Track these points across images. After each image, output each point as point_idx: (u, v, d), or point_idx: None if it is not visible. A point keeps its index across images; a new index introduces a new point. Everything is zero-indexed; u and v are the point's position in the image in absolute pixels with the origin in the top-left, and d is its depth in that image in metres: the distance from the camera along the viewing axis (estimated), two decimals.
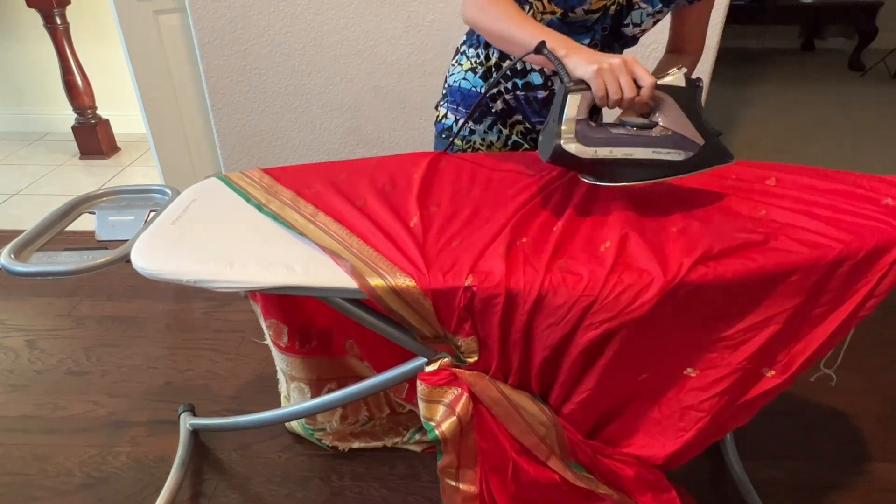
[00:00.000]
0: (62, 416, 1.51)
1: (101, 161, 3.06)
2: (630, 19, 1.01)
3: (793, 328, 0.85)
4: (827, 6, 4.53)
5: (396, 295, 0.79)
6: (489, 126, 1.17)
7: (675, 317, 0.80)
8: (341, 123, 2.19)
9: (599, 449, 0.95)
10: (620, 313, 0.78)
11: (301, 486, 1.32)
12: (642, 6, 0.99)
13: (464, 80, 1.15)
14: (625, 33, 1.04)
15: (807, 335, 0.86)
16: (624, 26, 1.02)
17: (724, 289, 0.79)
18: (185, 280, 0.82)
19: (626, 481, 0.96)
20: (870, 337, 1.75)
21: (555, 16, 0.99)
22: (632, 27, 1.02)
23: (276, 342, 1.22)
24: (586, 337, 0.80)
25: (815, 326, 0.86)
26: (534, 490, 0.97)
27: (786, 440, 1.43)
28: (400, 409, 1.38)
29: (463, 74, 1.15)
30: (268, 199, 0.98)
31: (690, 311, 0.81)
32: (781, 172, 1.01)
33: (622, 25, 1.02)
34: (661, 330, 0.81)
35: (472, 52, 1.14)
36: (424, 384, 0.89)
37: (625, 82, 0.81)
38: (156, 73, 2.16)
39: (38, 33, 2.94)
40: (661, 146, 0.87)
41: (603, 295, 0.77)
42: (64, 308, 1.91)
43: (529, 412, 0.89)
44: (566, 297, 0.78)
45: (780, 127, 3.51)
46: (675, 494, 0.97)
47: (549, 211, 0.93)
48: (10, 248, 0.94)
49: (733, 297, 0.81)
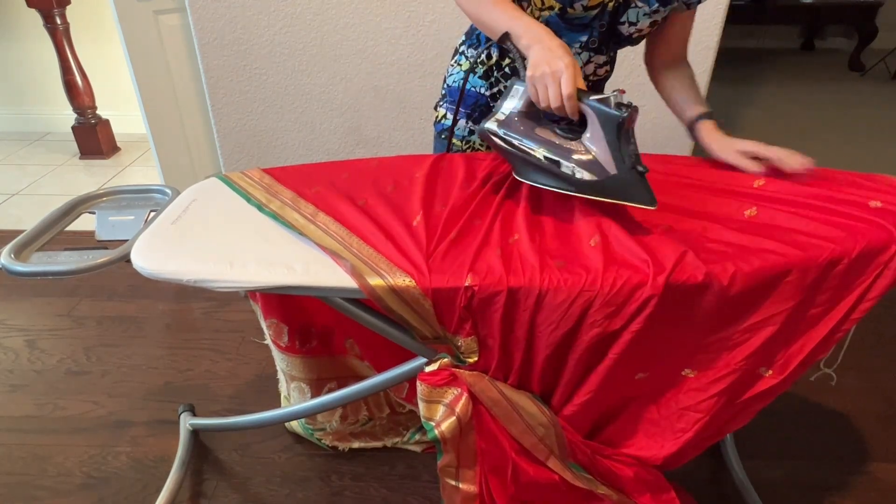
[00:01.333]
0: (62, 416, 1.51)
1: (101, 161, 3.06)
2: (626, 17, 1.01)
3: (790, 328, 0.85)
4: (827, 6, 4.53)
5: (396, 295, 0.79)
6: None
7: (673, 317, 0.80)
8: (341, 123, 2.19)
9: (598, 449, 0.95)
10: (621, 307, 0.78)
11: (301, 486, 1.32)
12: (639, 5, 0.99)
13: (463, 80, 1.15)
14: (620, 31, 1.04)
15: (804, 335, 0.86)
16: (620, 24, 1.02)
17: (721, 290, 0.79)
18: (185, 280, 0.82)
19: (626, 482, 0.96)
20: (869, 337, 1.75)
21: (553, 11, 0.99)
22: (627, 26, 1.02)
23: (277, 342, 1.22)
24: (590, 335, 0.80)
25: (811, 326, 0.86)
26: (533, 490, 0.97)
27: (786, 440, 1.43)
28: (400, 409, 1.38)
29: (462, 75, 1.15)
30: (268, 198, 0.98)
31: (688, 311, 0.81)
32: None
33: (618, 24, 1.02)
34: (658, 331, 0.81)
35: (472, 52, 1.14)
36: (424, 384, 0.89)
37: (552, 92, 0.83)
38: (156, 73, 2.16)
39: (38, 33, 2.94)
40: (568, 159, 0.86)
41: (604, 290, 0.77)
42: (64, 308, 1.91)
43: (529, 412, 0.89)
44: (567, 294, 0.78)
45: (779, 127, 3.51)
46: (674, 495, 0.97)
47: (533, 207, 0.93)
48: (10, 248, 0.94)
49: (730, 298, 0.81)
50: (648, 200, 0.84)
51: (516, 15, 0.91)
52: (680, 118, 1.12)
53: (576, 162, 0.85)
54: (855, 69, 4.61)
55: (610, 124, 0.81)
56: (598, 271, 0.78)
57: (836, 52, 5.13)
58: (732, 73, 4.47)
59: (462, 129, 1.18)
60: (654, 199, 0.83)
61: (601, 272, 0.78)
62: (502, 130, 0.91)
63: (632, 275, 0.77)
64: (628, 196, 0.84)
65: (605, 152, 0.83)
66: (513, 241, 0.85)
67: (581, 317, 0.79)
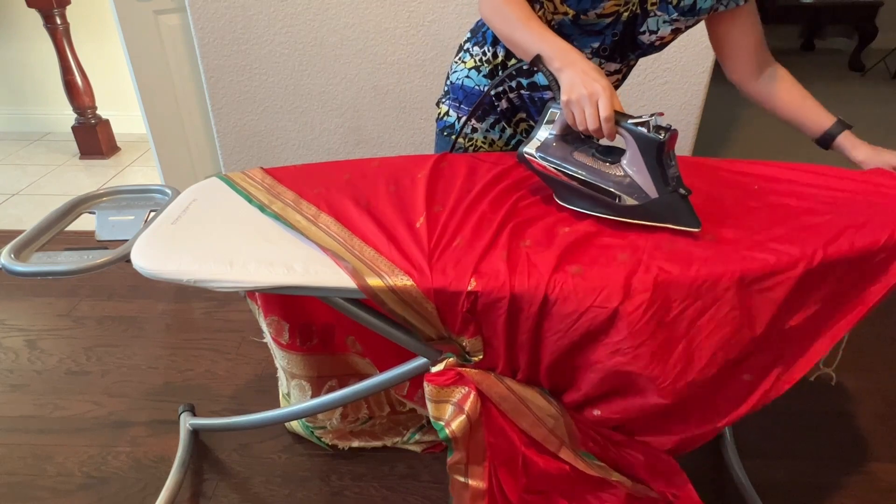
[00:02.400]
0: (62, 416, 1.51)
1: (101, 161, 3.06)
2: (646, 27, 1.00)
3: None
4: (827, 6, 4.52)
5: (396, 296, 0.79)
6: (491, 125, 1.17)
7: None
8: (341, 123, 2.19)
9: (609, 436, 0.94)
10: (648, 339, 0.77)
11: (301, 486, 1.32)
12: (658, 13, 0.98)
13: (467, 77, 1.14)
14: (641, 41, 1.02)
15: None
16: (640, 34, 1.01)
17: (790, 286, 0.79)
18: (185, 280, 0.82)
19: (638, 468, 0.95)
20: (870, 337, 1.75)
21: (566, 16, 0.99)
22: (648, 34, 1.01)
23: (277, 339, 1.22)
24: (614, 362, 0.79)
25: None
26: (544, 481, 0.97)
27: (786, 440, 1.43)
28: (400, 408, 1.38)
29: (466, 72, 1.15)
30: (270, 199, 0.98)
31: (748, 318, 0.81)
32: (769, 168, 1.02)
33: (638, 33, 1.01)
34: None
35: (478, 49, 1.13)
36: (431, 385, 0.89)
37: (589, 114, 0.82)
38: (156, 73, 2.16)
39: (38, 33, 2.94)
40: (607, 184, 0.85)
41: (634, 319, 0.76)
42: (64, 308, 1.91)
43: (537, 405, 0.89)
44: (576, 306, 0.77)
45: (779, 127, 3.50)
46: (687, 478, 0.97)
47: (554, 214, 0.92)
48: (10, 248, 0.94)
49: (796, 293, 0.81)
50: (693, 223, 0.83)
51: (547, 36, 0.89)
52: (805, 129, 1.06)
53: (615, 186, 0.85)
54: (855, 69, 4.61)
55: (649, 148, 0.81)
56: (617, 289, 0.76)
57: (836, 52, 5.12)
58: None
59: (465, 128, 1.18)
60: (698, 222, 0.83)
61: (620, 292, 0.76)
62: (539, 155, 0.91)
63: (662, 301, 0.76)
64: (671, 219, 0.84)
65: (646, 176, 0.82)
66: (525, 245, 0.84)
67: (590, 333, 0.78)
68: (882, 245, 0.82)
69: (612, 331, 0.78)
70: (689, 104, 2.03)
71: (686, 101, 2.02)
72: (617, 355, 0.79)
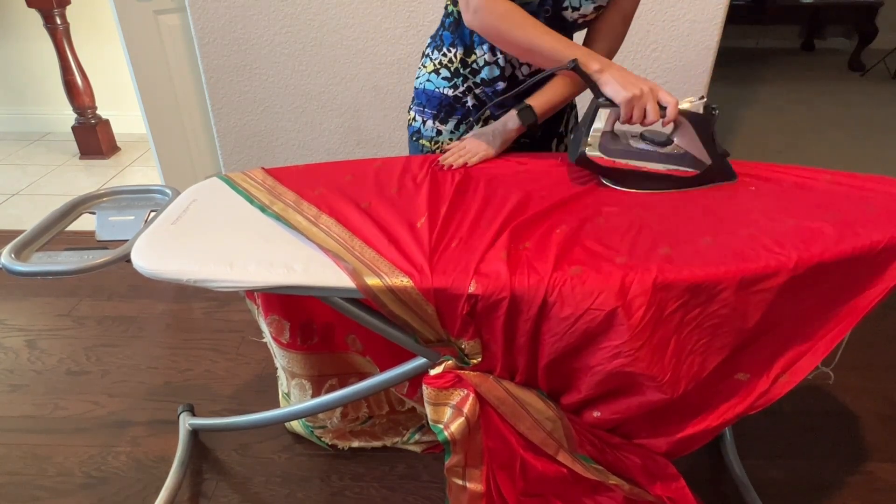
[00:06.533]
0: (62, 416, 1.51)
1: (101, 161, 3.06)
2: (569, 2, 1.02)
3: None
4: (827, 6, 4.52)
5: (395, 296, 0.79)
6: (455, 125, 1.19)
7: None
8: (341, 123, 2.19)
9: (606, 439, 0.94)
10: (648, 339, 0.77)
11: (301, 486, 1.32)
12: None
13: (428, 81, 1.18)
14: (566, 17, 1.04)
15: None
16: (563, 9, 1.03)
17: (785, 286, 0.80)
18: (185, 280, 0.82)
19: (636, 471, 0.96)
20: (869, 337, 1.75)
21: None
22: (571, 11, 1.03)
23: (278, 339, 1.22)
24: (614, 364, 0.79)
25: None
26: (542, 484, 0.97)
27: (786, 440, 1.43)
28: (399, 408, 1.38)
29: (427, 76, 1.18)
30: (271, 200, 0.98)
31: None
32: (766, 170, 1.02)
33: (562, 9, 1.03)
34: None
35: (437, 54, 1.16)
36: (430, 387, 0.89)
37: (650, 109, 0.91)
38: (156, 73, 2.16)
39: (38, 33, 2.94)
40: (671, 163, 0.99)
41: (634, 322, 0.76)
42: (64, 308, 1.91)
43: (535, 408, 0.89)
44: (573, 309, 0.77)
45: (780, 127, 3.51)
46: (684, 482, 0.97)
47: (553, 216, 0.92)
48: (11, 248, 0.94)
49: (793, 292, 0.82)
50: (733, 175, 1.00)
51: (569, 42, 0.96)
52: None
53: (677, 161, 0.99)
54: (855, 69, 4.61)
55: (704, 125, 0.95)
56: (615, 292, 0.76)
57: (836, 52, 5.12)
58: (732, 73, 4.47)
59: (430, 131, 1.21)
60: (735, 174, 1.00)
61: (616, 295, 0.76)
62: (599, 152, 0.99)
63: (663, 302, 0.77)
64: (720, 178, 0.99)
65: (699, 147, 0.97)
66: (525, 247, 0.84)
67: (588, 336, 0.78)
68: (881, 248, 0.82)
69: (611, 333, 0.78)
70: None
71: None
72: (618, 357, 0.79)
